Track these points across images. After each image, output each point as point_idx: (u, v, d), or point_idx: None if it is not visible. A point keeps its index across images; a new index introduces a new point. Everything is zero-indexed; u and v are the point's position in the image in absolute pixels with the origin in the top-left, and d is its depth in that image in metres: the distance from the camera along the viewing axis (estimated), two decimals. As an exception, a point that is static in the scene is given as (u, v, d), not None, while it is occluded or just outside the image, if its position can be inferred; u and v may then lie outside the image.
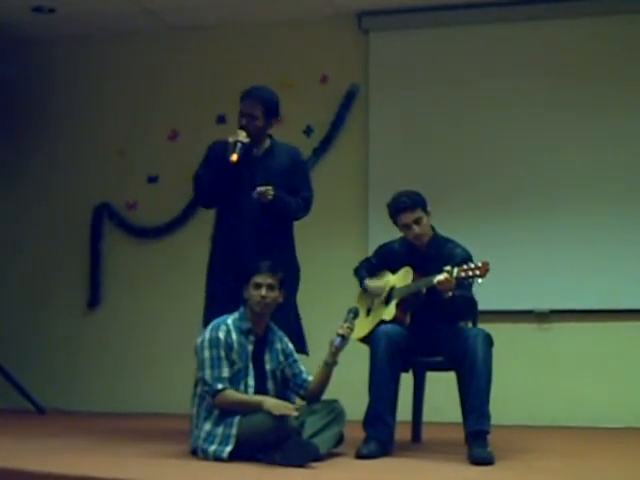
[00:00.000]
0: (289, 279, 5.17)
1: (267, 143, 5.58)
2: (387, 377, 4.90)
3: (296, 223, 5.66)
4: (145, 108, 8.03)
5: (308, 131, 7.61)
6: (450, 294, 4.84)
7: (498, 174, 7.26)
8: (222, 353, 4.71)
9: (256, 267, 4.85)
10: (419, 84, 7.47)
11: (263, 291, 4.81)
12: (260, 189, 5.28)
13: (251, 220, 5.36)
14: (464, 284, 4.89)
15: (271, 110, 5.51)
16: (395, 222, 5.19)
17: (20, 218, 8.18)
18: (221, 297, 5.34)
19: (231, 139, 5.34)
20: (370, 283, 5.36)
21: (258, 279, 4.82)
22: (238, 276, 5.10)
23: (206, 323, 5.15)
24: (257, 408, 4.57)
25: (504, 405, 5.55)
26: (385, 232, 5.53)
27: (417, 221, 5.11)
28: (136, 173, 7.96)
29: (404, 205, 5.12)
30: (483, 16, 7.37)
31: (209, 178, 5.46)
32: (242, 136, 5.36)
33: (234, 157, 5.29)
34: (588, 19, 7.21)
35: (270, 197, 5.28)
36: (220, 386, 4.66)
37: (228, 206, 5.49)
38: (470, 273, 4.74)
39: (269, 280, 4.84)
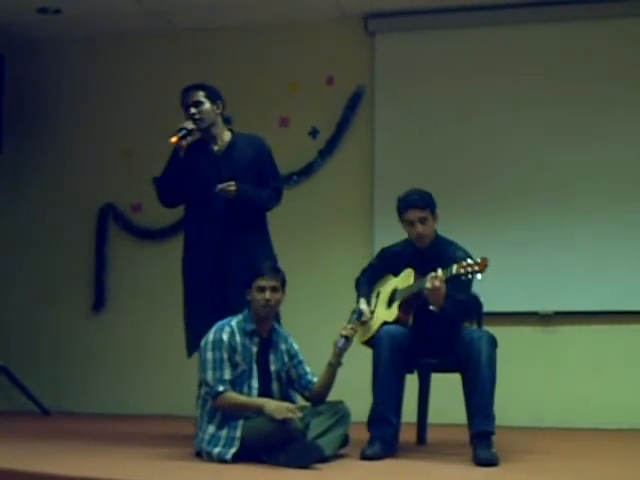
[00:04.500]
0: None
1: (228, 136, 5.58)
2: (390, 378, 4.90)
3: (300, 223, 5.66)
4: (150, 109, 8.03)
5: (314, 133, 7.61)
6: (438, 309, 4.85)
7: (503, 175, 7.26)
8: (225, 355, 4.71)
9: (258, 270, 4.83)
10: (425, 86, 7.47)
11: (267, 294, 4.80)
12: (221, 185, 5.28)
13: (219, 216, 5.36)
14: (462, 284, 4.89)
15: (212, 93, 5.56)
16: (401, 217, 5.18)
17: (25, 220, 8.19)
18: (197, 294, 5.36)
19: (178, 126, 5.39)
20: (361, 306, 5.30)
21: (261, 282, 4.81)
22: (211, 271, 5.18)
23: (186, 321, 5.19)
24: (258, 411, 4.57)
25: (508, 406, 5.56)
26: (390, 233, 5.53)
27: (422, 220, 5.11)
28: (141, 175, 7.95)
29: (414, 202, 5.12)
30: (489, 18, 7.37)
31: (164, 175, 5.53)
32: (187, 123, 5.41)
33: (173, 139, 5.36)
34: (591, 22, 7.21)
35: (232, 192, 5.27)
36: (221, 388, 4.66)
37: (196, 206, 5.51)
38: (469, 269, 4.73)
39: (272, 282, 4.83)
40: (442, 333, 5.03)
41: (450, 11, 7.40)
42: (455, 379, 4.99)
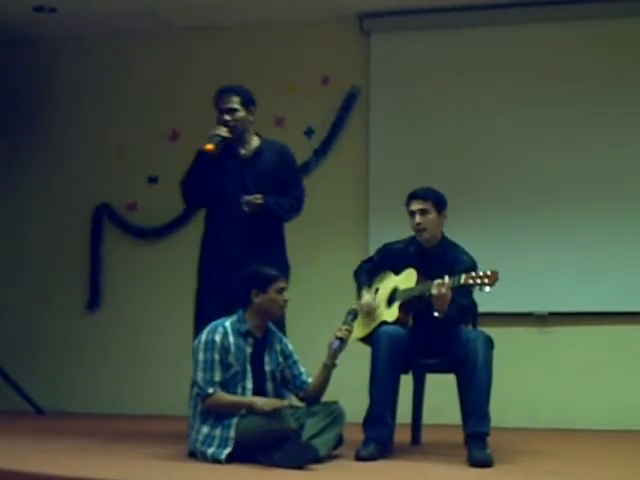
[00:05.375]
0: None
1: (256, 142, 5.58)
2: (388, 378, 4.89)
3: (295, 224, 5.66)
4: (146, 108, 8.03)
5: (309, 132, 7.61)
6: (442, 315, 4.85)
7: (499, 176, 7.26)
8: (216, 356, 4.71)
9: (274, 274, 4.86)
10: (420, 86, 7.48)
11: (287, 295, 4.88)
12: (248, 198, 5.30)
13: (241, 221, 5.37)
14: (465, 290, 4.89)
15: (248, 99, 5.54)
16: (407, 210, 5.21)
17: (20, 219, 8.18)
18: (215, 298, 5.36)
19: (210, 132, 5.38)
20: (365, 295, 5.32)
21: (282, 284, 4.87)
22: (227, 276, 5.14)
23: (199, 325, 5.18)
24: (248, 409, 4.59)
25: (504, 407, 5.55)
26: (385, 234, 5.56)
27: (422, 212, 5.12)
28: (136, 174, 7.96)
29: (417, 193, 5.18)
30: (484, 18, 7.37)
31: (192, 177, 5.49)
32: (222, 130, 5.41)
33: (208, 146, 5.35)
34: (589, 22, 7.20)
35: (259, 204, 5.31)
36: (210, 390, 4.66)
37: (218, 207, 5.51)
38: (478, 281, 4.73)
39: (286, 284, 4.92)
40: (439, 334, 5.02)
41: (445, 11, 7.40)
42: (450, 379, 4.99)
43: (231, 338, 4.77)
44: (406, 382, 5.24)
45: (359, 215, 7.45)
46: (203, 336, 4.78)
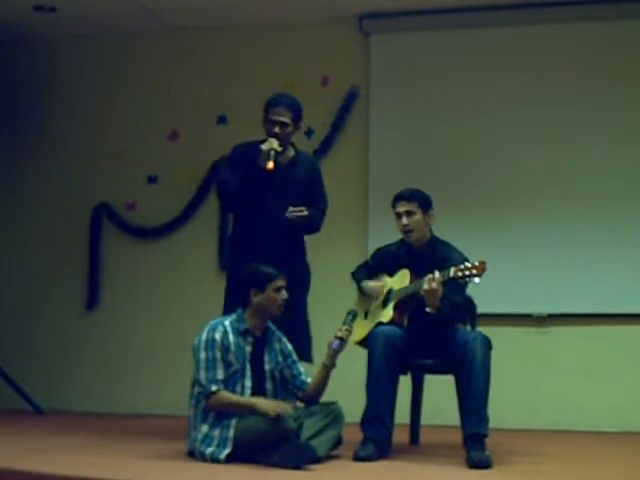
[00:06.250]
0: (304, 283, 5.30)
1: (291, 152, 5.67)
2: (385, 378, 4.90)
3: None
4: (145, 108, 8.02)
5: (309, 133, 7.60)
6: (434, 311, 4.86)
7: (498, 177, 7.26)
8: (218, 354, 4.72)
9: (272, 273, 4.88)
10: (419, 86, 7.48)
11: (285, 294, 4.89)
12: (294, 211, 5.40)
13: (271, 226, 5.44)
14: (458, 286, 4.90)
15: (299, 116, 5.62)
16: (394, 212, 5.25)
17: (19, 218, 8.18)
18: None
19: (265, 147, 5.41)
20: (368, 283, 5.37)
21: (280, 283, 4.88)
22: None
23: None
24: (251, 410, 4.59)
25: (502, 408, 5.56)
26: (385, 234, 5.55)
27: (408, 213, 5.15)
28: (136, 173, 7.96)
29: (402, 194, 5.22)
30: (483, 19, 7.38)
31: (236, 184, 5.51)
32: (276, 145, 5.43)
33: (270, 165, 5.38)
34: (586, 23, 7.21)
35: (304, 218, 5.44)
36: (214, 388, 4.67)
37: (250, 210, 5.55)
38: (467, 273, 4.74)
39: (285, 282, 4.92)
40: (436, 334, 5.03)
41: (445, 12, 7.40)
42: (448, 380, 4.99)
43: (231, 337, 4.78)
44: (405, 383, 5.25)
45: (359, 215, 7.46)
46: (203, 335, 4.79)
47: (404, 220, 5.16)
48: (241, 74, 7.73)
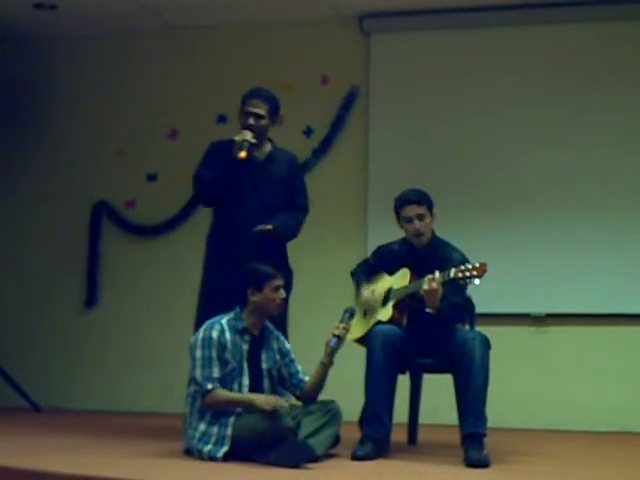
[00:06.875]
0: (287, 283, 5.27)
1: (268, 147, 5.64)
2: (384, 377, 4.90)
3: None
4: (145, 106, 8.03)
5: (308, 132, 7.61)
6: (434, 311, 4.86)
7: (497, 177, 7.27)
8: (214, 353, 4.72)
9: (270, 272, 4.88)
10: (419, 86, 7.48)
11: (282, 293, 4.89)
12: (259, 227, 5.36)
13: (248, 224, 5.39)
14: (458, 286, 4.90)
15: (275, 110, 5.60)
16: (398, 216, 5.21)
17: (18, 216, 8.18)
18: (216, 296, 5.37)
19: (238, 138, 5.38)
20: (365, 292, 5.35)
21: (278, 282, 4.88)
22: (233, 275, 5.14)
23: (199, 321, 5.18)
24: (248, 406, 4.60)
25: (500, 408, 5.57)
26: (384, 234, 5.54)
27: (420, 217, 5.13)
28: (135, 171, 7.96)
29: (411, 198, 5.17)
30: (483, 19, 7.38)
31: (211, 177, 5.49)
32: (249, 136, 5.41)
33: (242, 154, 5.35)
34: (592, 24, 7.22)
35: (269, 230, 5.38)
36: (210, 386, 4.67)
37: (228, 206, 5.52)
38: (467, 274, 4.74)
39: (282, 282, 4.92)
40: (435, 334, 5.03)
41: (445, 12, 7.41)
42: (447, 380, 5.00)
43: (228, 335, 4.78)
44: (403, 382, 5.25)
45: (358, 214, 7.46)
46: (200, 333, 4.80)
47: (417, 224, 5.13)
48: (241, 73, 7.72)
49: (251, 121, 5.48)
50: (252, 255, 5.21)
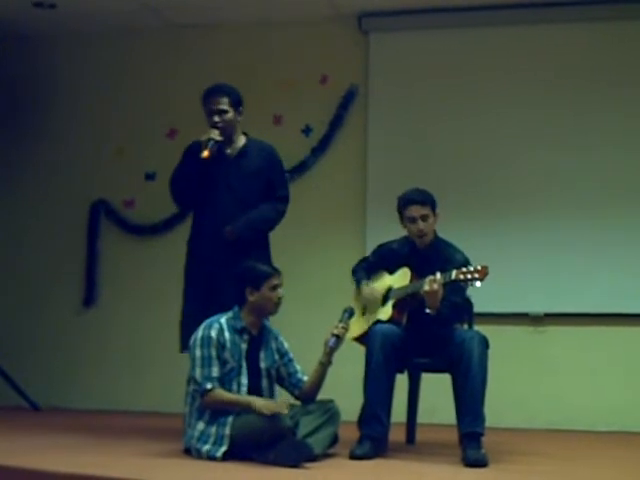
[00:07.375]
0: None
1: (242, 141, 5.60)
2: (383, 377, 4.90)
3: (293, 222, 5.66)
4: (144, 105, 8.02)
5: (307, 131, 7.61)
6: (434, 312, 4.86)
7: (497, 177, 7.27)
8: (213, 352, 4.72)
9: (268, 271, 4.88)
10: (418, 85, 7.48)
11: (281, 292, 4.88)
12: (227, 231, 5.33)
13: (226, 219, 5.38)
14: (458, 287, 4.90)
15: (237, 101, 5.54)
16: (401, 216, 5.20)
17: (17, 215, 8.17)
18: (196, 292, 5.41)
19: (203, 137, 5.39)
20: (365, 289, 5.35)
21: (276, 281, 4.87)
22: (212, 280, 5.17)
23: (183, 317, 5.23)
24: (246, 408, 4.59)
25: (499, 408, 5.56)
26: (383, 233, 5.54)
27: (424, 217, 5.12)
28: (134, 171, 7.95)
29: (415, 198, 5.15)
30: (483, 18, 7.38)
31: (182, 178, 5.51)
32: (215, 134, 5.40)
33: (205, 153, 5.35)
34: (592, 24, 7.22)
35: (233, 234, 5.35)
36: (209, 385, 4.67)
37: (202, 206, 5.53)
38: (469, 276, 4.74)
39: (280, 280, 4.91)
40: (434, 333, 5.03)
41: (444, 11, 7.40)
42: (445, 379, 5.00)
43: (227, 334, 4.78)
44: (401, 381, 5.25)
45: (357, 213, 7.45)
46: (199, 333, 4.79)
47: (420, 225, 5.11)
48: (240, 72, 7.70)
49: (216, 118, 5.46)
50: (230, 252, 5.22)
